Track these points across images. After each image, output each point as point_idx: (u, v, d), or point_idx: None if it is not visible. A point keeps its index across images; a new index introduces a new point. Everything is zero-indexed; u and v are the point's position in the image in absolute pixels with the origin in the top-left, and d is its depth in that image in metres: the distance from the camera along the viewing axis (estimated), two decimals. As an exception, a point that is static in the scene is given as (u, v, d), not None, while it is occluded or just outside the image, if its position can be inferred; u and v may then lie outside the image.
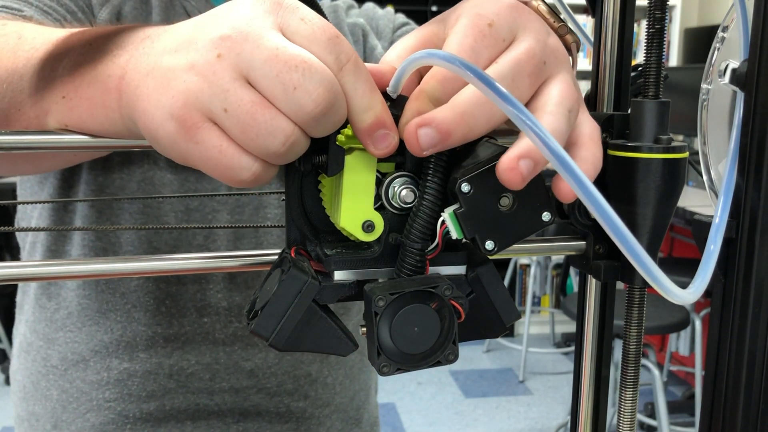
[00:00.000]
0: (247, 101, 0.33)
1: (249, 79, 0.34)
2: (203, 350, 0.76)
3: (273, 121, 0.33)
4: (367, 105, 0.36)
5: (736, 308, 0.42)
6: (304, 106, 0.33)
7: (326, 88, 0.33)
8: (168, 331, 0.75)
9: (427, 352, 0.38)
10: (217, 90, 0.33)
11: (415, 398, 3.29)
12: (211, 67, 0.33)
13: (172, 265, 0.44)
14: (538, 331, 4.08)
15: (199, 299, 0.76)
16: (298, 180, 0.42)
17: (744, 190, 0.41)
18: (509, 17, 0.39)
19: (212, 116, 0.34)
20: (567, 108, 0.38)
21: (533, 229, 0.39)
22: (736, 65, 0.41)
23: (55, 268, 0.43)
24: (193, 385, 0.76)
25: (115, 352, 0.76)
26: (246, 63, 0.33)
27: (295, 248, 0.43)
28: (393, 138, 0.37)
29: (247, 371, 0.78)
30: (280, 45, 0.33)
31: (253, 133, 0.34)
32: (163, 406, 0.76)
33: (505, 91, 0.31)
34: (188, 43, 0.35)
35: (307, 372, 0.81)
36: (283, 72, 0.33)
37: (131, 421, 0.76)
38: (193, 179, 0.75)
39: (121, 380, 0.76)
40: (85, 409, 0.77)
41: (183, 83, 0.34)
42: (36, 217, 0.79)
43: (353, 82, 0.35)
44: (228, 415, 0.78)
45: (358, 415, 0.89)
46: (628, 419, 0.47)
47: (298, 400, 0.81)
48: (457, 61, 0.32)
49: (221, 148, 0.34)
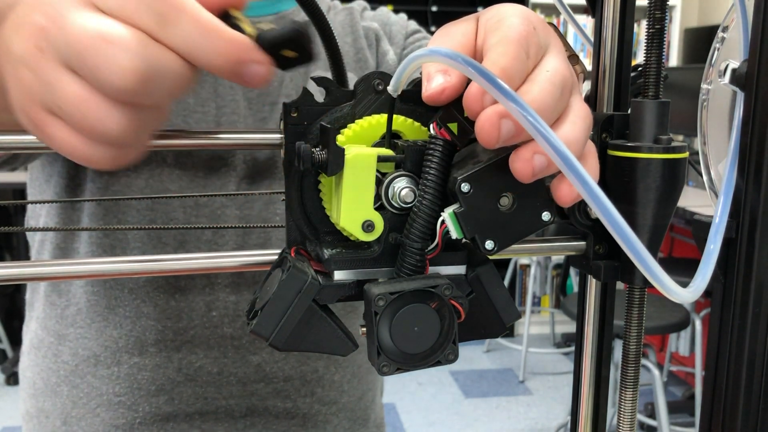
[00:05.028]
0: (70, 94, 0.32)
1: (70, 66, 0.32)
2: (211, 344, 0.77)
3: (99, 110, 0.32)
4: (210, 49, 0.32)
5: (736, 308, 0.42)
6: (117, 85, 0.31)
7: (130, 61, 0.31)
8: (177, 326, 0.76)
9: (427, 351, 0.38)
10: (45, 85, 0.32)
11: (415, 398, 3.29)
12: (36, 61, 0.32)
13: (176, 265, 0.44)
14: (538, 331, 4.08)
15: (207, 293, 0.76)
16: (298, 180, 0.42)
17: (744, 190, 0.41)
18: (543, 32, 0.39)
19: (52, 111, 0.33)
20: (587, 125, 0.38)
21: (533, 229, 0.39)
22: (736, 65, 0.41)
23: (59, 268, 0.43)
24: (201, 378, 0.77)
25: (125, 347, 0.76)
26: (60, 51, 0.31)
27: (295, 248, 0.43)
28: (261, 68, 0.34)
29: (255, 365, 0.78)
30: (83, 24, 0.31)
31: (89, 124, 0.32)
32: (171, 399, 0.77)
33: (508, 89, 0.31)
34: (18, 28, 0.33)
35: (314, 368, 0.82)
36: (87, 55, 0.31)
37: (141, 415, 0.77)
38: (202, 175, 0.75)
39: (131, 374, 0.77)
40: (96, 404, 0.78)
41: (20, 80, 0.33)
42: (44, 215, 0.79)
43: (181, 35, 0.32)
44: (235, 408, 0.79)
45: (365, 416, 0.90)
46: (628, 419, 0.47)
47: (304, 396, 0.81)
48: (460, 57, 0.32)
49: (70, 141, 0.33)
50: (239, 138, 0.46)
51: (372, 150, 0.40)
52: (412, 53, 0.35)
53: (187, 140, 0.46)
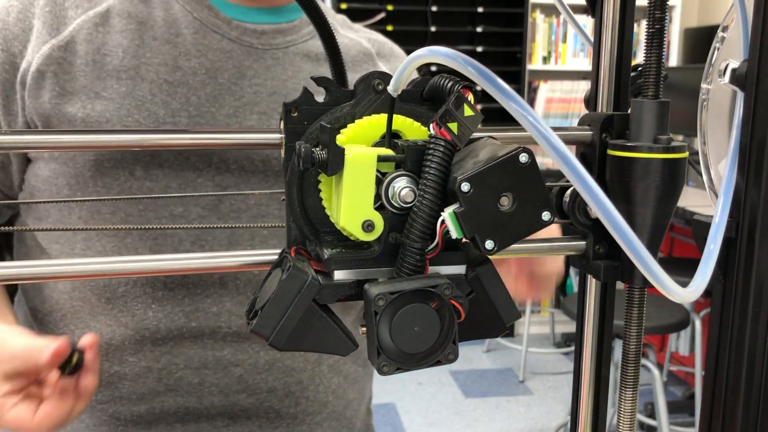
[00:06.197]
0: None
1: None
2: (191, 354, 0.76)
3: None
4: None
5: (736, 308, 0.42)
6: None
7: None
8: (155, 336, 0.75)
9: (426, 351, 0.38)
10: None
11: (415, 398, 3.29)
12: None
13: (170, 264, 0.44)
14: (538, 331, 4.08)
15: (187, 304, 0.75)
16: (298, 180, 0.42)
17: (744, 189, 0.41)
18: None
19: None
20: None
21: (533, 229, 0.39)
22: (736, 65, 0.41)
23: (53, 268, 0.43)
24: (182, 388, 0.77)
25: (104, 356, 0.76)
26: None
27: (295, 248, 0.43)
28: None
29: (237, 376, 0.78)
30: None
31: None
32: (152, 408, 0.77)
33: (507, 88, 0.31)
34: None
35: (298, 380, 0.81)
36: None
37: (123, 422, 0.77)
38: (233, 186, 0.75)
39: (111, 383, 0.76)
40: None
41: None
42: (73, 224, 0.79)
43: None
44: (217, 418, 0.78)
45: (351, 423, 0.89)
46: (628, 419, 0.47)
47: (288, 406, 0.81)
48: (460, 57, 0.32)
49: None
50: (239, 138, 0.46)
51: (372, 150, 0.40)
52: (413, 53, 0.35)
53: (187, 140, 0.46)
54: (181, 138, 0.45)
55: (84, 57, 0.73)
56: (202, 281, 0.76)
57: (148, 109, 0.73)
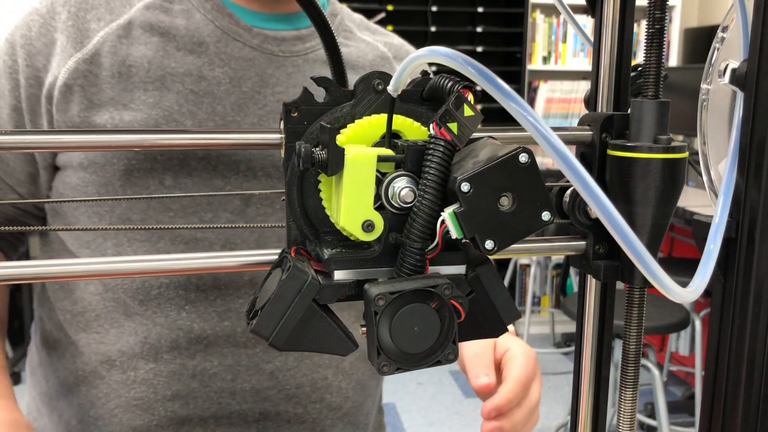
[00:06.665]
0: None
1: None
2: (225, 352, 0.78)
3: None
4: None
5: (736, 308, 0.42)
6: None
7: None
8: (189, 335, 0.77)
9: (426, 351, 0.38)
10: None
11: (415, 398, 3.29)
12: None
13: (170, 264, 0.44)
14: (538, 331, 4.08)
15: (219, 304, 0.77)
16: (298, 180, 0.42)
17: (744, 190, 0.41)
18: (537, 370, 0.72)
19: None
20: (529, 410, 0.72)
21: (533, 229, 0.39)
22: (736, 65, 0.41)
23: (60, 268, 0.43)
24: (216, 385, 0.78)
25: (140, 354, 0.77)
26: None
27: (295, 248, 0.43)
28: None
29: (268, 373, 0.80)
30: None
31: None
32: (187, 404, 0.78)
33: (507, 88, 0.31)
34: None
35: (323, 375, 0.83)
36: None
37: (157, 418, 0.78)
38: (257, 187, 0.76)
39: (147, 380, 0.78)
40: (114, 405, 0.79)
41: None
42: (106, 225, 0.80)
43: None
44: (249, 414, 0.80)
45: (366, 421, 0.92)
46: (628, 419, 0.47)
47: (314, 401, 0.83)
48: (460, 57, 0.32)
49: None
50: (239, 138, 0.46)
51: (372, 150, 0.40)
52: (413, 53, 0.35)
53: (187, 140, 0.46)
54: (181, 138, 0.45)
55: (110, 69, 0.74)
56: (233, 282, 0.77)
57: (175, 119, 0.74)
